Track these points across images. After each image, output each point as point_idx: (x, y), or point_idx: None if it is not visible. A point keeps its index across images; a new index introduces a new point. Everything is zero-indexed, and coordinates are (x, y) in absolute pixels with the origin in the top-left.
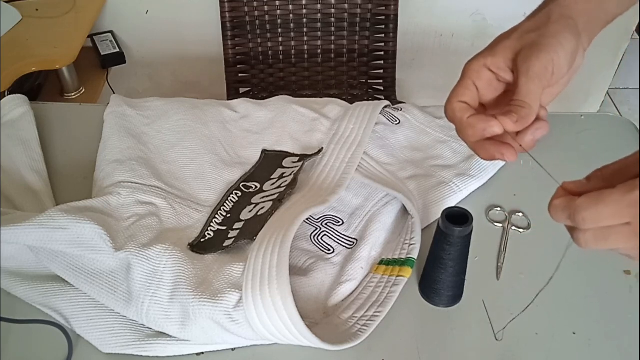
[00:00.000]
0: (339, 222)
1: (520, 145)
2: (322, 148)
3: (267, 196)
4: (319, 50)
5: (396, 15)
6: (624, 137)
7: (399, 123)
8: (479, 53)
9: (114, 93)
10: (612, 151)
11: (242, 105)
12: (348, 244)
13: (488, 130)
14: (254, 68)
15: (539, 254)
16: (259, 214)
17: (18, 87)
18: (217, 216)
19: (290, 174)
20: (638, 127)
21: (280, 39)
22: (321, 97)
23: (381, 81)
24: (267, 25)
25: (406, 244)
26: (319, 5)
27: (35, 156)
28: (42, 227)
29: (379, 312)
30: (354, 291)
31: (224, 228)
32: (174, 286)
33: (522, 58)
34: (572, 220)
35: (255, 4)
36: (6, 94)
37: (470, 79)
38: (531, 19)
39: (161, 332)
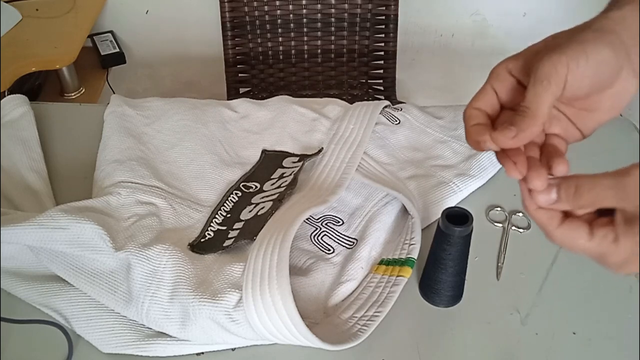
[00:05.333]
0: (339, 222)
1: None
2: (322, 148)
3: (267, 196)
4: (319, 50)
5: (396, 15)
6: (624, 137)
7: (399, 123)
8: (509, 57)
9: (114, 93)
10: (612, 151)
11: (242, 105)
12: (348, 244)
13: (483, 145)
14: (254, 68)
15: (539, 254)
16: (259, 214)
17: (18, 87)
18: (217, 216)
19: (290, 174)
20: (638, 127)
21: (280, 39)
22: (321, 97)
23: (381, 81)
24: (267, 25)
25: (406, 244)
26: (319, 5)
27: (35, 156)
28: (42, 227)
29: (379, 312)
30: (354, 291)
31: (224, 228)
32: (174, 286)
33: (536, 59)
34: (569, 199)
35: (255, 4)
36: (6, 94)
37: (489, 83)
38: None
39: (161, 332)
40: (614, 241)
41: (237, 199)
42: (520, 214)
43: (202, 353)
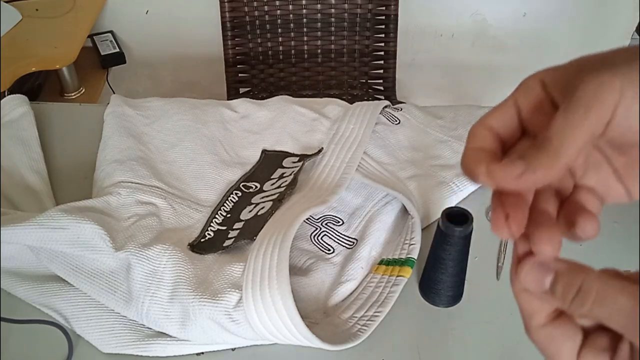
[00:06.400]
0: (339, 222)
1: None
2: (322, 148)
3: (267, 196)
4: (319, 50)
5: (396, 15)
6: None
7: (399, 123)
8: (549, 67)
9: (114, 93)
10: None
11: (242, 105)
12: (348, 244)
13: (476, 178)
14: (254, 68)
15: None
16: (259, 214)
17: (18, 87)
18: (217, 216)
19: (290, 174)
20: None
21: (280, 39)
22: (321, 97)
23: (381, 81)
24: (267, 25)
25: (406, 244)
26: (319, 5)
27: (35, 156)
28: (42, 227)
29: (379, 312)
30: (354, 291)
31: (224, 228)
32: (174, 286)
33: (581, 75)
34: (568, 300)
35: (255, 4)
36: (6, 94)
37: (513, 96)
38: None
39: (161, 332)
40: None
41: (237, 199)
42: None
43: (202, 353)
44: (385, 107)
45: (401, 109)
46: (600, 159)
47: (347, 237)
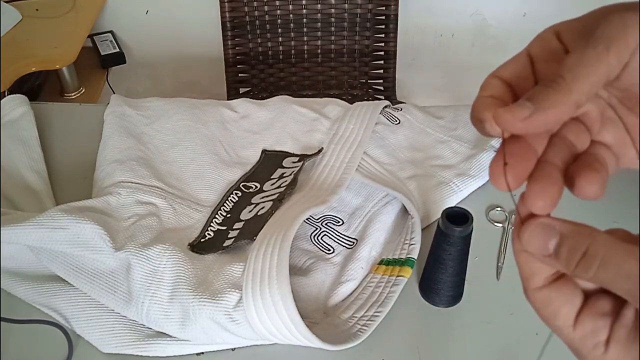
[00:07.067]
0: (339, 222)
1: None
2: (322, 148)
3: (267, 196)
4: (319, 50)
5: (396, 15)
6: None
7: (399, 123)
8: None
9: (114, 93)
10: None
11: (242, 105)
12: (348, 244)
13: (484, 126)
14: (254, 68)
15: None
16: (259, 214)
17: (18, 87)
18: (217, 216)
19: (290, 174)
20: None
21: (280, 39)
22: (321, 97)
23: (381, 81)
24: (267, 25)
25: (406, 244)
26: (319, 5)
27: (35, 156)
28: (42, 227)
29: (379, 312)
30: (354, 291)
31: (224, 228)
32: (174, 286)
33: (598, 21)
34: (573, 265)
35: (255, 4)
36: (6, 94)
37: (527, 47)
38: None
39: (161, 332)
40: (604, 346)
41: (237, 199)
42: None
43: (202, 353)
44: (385, 107)
45: (401, 109)
46: (615, 117)
47: (347, 237)
